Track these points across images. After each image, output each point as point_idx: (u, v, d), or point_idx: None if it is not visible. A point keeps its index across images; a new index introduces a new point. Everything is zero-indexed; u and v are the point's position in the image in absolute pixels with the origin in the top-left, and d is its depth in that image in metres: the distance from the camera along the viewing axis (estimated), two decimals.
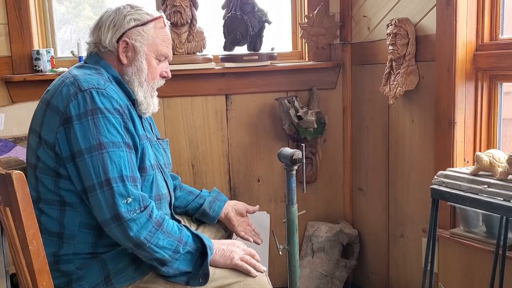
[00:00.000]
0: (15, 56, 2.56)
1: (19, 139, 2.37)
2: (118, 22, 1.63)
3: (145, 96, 1.67)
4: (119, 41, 1.62)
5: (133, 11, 1.65)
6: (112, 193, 1.43)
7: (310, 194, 2.89)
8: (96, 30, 1.66)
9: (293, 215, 1.89)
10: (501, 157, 1.68)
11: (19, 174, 1.24)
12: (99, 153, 1.45)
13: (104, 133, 1.46)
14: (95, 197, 1.45)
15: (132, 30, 1.63)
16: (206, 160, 2.76)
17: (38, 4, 2.64)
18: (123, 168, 1.46)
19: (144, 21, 1.64)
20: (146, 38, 1.64)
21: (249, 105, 2.76)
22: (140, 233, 1.45)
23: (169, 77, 1.75)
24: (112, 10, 1.66)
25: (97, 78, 1.55)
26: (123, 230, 1.44)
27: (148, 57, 1.65)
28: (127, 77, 1.65)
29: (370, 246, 2.78)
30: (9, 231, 1.33)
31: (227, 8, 2.66)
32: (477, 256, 2.01)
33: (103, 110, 1.48)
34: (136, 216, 1.45)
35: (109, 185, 1.44)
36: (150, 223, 1.47)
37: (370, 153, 2.69)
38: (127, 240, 1.46)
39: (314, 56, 2.73)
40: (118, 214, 1.43)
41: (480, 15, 1.99)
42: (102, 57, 1.66)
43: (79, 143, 1.46)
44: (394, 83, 2.28)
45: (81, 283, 1.53)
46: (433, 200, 1.80)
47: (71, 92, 1.50)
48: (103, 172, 1.44)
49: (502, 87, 2.01)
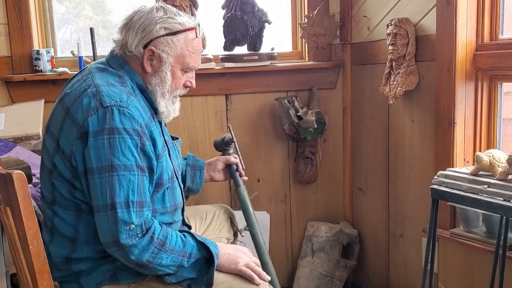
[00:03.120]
0: (15, 56, 2.56)
1: (19, 139, 2.36)
2: (148, 28, 1.54)
3: (166, 105, 1.63)
4: (146, 48, 1.55)
5: (165, 18, 1.56)
6: (115, 219, 1.41)
7: (310, 194, 2.89)
8: (125, 29, 1.58)
9: (242, 195, 2.02)
10: (501, 157, 1.68)
11: (19, 174, 1.24)
12: (109, 175, 1.41)
13: (118, 155, 1.42)
14: (99, 219, 1.44)
15: (160, 39, 1.54)
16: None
17: (38, 4, 2.64)
18: (130, 193, 1.43)
19: (175, 31, 1.56)
20: (174, 49, 1.56)
21: (249, 105, 2.76)
22: (142, 256, 1.44)
23: (193, 87, 1.69)
24: (144, 11, 1.57)
25: (120, 92, 1.49)
26: (124, 254, 1.44)
27: (174, 69, 1.59)
28: (150, 86, 1.59)
29: (370, 246, 2.78)
30: (10, 231, 1.33)
31: (227, 8, 2.66)
32: (477, 256, 2.01)
33: (121, 131, 1.43)
34: (137, 241, 1.43)
35: (113, 209, 1.41)
36: (152, 245, 1.45)
37: (370, 153, 2.69)
38: (129, 262, 1.46)
39: (314, 56, 2.73)
40: (118, 240, 1.41)
41: (480, 15, 1.99)
42: (127, 61, 1.59)
43: (91, 161, 1.43)
44: (394, 83, 2.28)
45: (89, 277, 1.54)
46: (433, 200, 1.80)
47: (91, 106, 1.45)
48: (110, 195, 1.41)
49: (502, 87, 2.01)
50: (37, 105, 2.49)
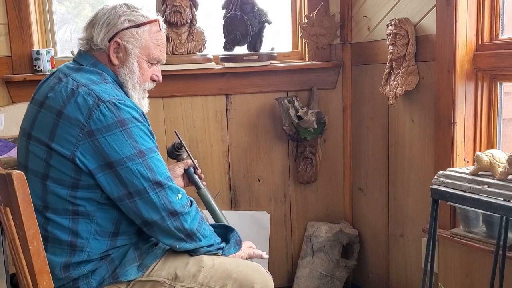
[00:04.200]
0: (15, 56, 2.56)
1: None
2: (112, 22, 1.60)
3: (139, 98, 1.67)
4: (111, 41, 1.60)
5: (129, 12, 1.62)
6: (165, 193, 1.52)
7: (310, 194, 2.89)
8: (90, 27, 1.63)
9: (205, 196, 1.97)
10: (501, 157, 1.68)
11: (19, 174, 1.24)
12: (142, 160, 1.50)
13: (141, 141, 1.51)
14: (147, 199, 1.51)
15: (125, 31, 1.60)
16: (206, 160, 2.76)
17: (38, 4, 2.64)
18: (164, 170, 1.55)
19: (139, 23, 1.62)
20: (139, 41, 1.62)
21: (249, 105, 2.76)
22: (193, 224, 1.57)
23: (160, 81, 1.74)
24: (108, 8, 1.63)
25: (110, 88, 1.54)
26: (179, 223, 1.54)
27: (140, 60, 1.63)
28: (120, 78, 1.63)
29: (370, 246, 2.78)
30: (9, 231, 1.33)
31: (227, 8, 2.66)
32: (477, 256, 2.01)
33: (132, 120, 1.50)
34: (189, 209, 1.56)
35: (160, 186, 1.51)
36: (198, 214, 1.60)
37: (370, 153, 2.69)
38: (181, 231, 1.55)
39: (314, 56, 2.73)
40: (174, 211, 1.52)
41: (480, 15, 1.99)
42: (95, 56, 1.63)
43: (117, 153, 1.47)
44: (394, 83, 2.28)
45: (89, 280, 1.54)
46: (433, 200, 1.80)
47: (90, 103, 1.47)
48: (152, 175, 1.50)
49: (502, 87, 2.01)
50: None
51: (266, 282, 1.62)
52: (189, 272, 1.58)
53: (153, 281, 1.57)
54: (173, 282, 1.57)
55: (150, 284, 1.57)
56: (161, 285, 1.57)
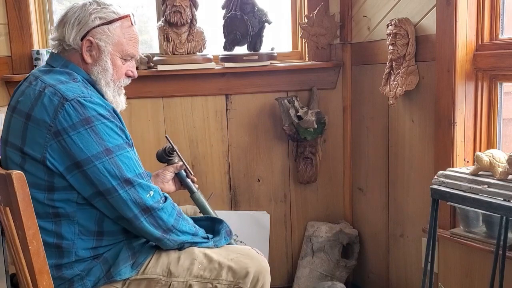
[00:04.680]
0: (15, 56, 2.56)
1: None
2: (83, 20, 1.59)
3: (113, 95, 1.66)
4: (83, 39, 1.59)
5: (99, 9, 1.61)
6: (135, 191, 1.49)
7: (310, 194, 2.89)
8: (61, 26, 1.62)
9: (199, 200, 1.94)
10: (501, 157, 1.68)
11: (19, 174, 1.24)
12: (109, 157, 1.48)
13: (107, 138, 1.48)
14: (117, 198, 1.48)
15: (97, 28, 1.59)
16: (206, 160, 2.76)
17: (38, 4, 2.64)
18: (134, 166, 1.52)
19: (110, 19, 1.61)
20: (111, 38, 1.61)
21: (249, 105, 2.76)
22: (169, 220, 1.55)
23: (135, 76, 1.73)
24: (78, 6, 1.62)
25: (77, 86, 1.53)
26: (153, 220, 1.52)
27: (113, 57, 1.63)
28: (93, 76, 1.62)
29: (370, 246, 2.78)
30: (9, 231, 1.33)
31: (227, 8, 2.66)
32: (477, 256, 2.01)
33: (98, 117, 1.48)
34: (163, 205, 1.54)
35: (130, 184, 1.49)
36: (174, 210, 1.58)
37: (370, 153, 2.69)
38: (158, 228, 1.53)
39: (314, 56, 2.73)
40: (147, 207, 1.50)
41: (480, 15, 1.99)
42: (67, 57, 1.62)
43: (83, 152, 1.46)
44: (394, 83, 2.28)
45: (84, 281, 1.54)
46: (433, 200, 1.79)
47: (55, 103, 1.46)
48: (120, 174, 1.48)
49: (502, 87, 2.01)
50: None
51: (259, 264, 1.63)
52: (182, 266, 1.59)
53: (148, 279, 1.58)
54: (169, 278, 1.58)
55: (145, 282, 1.58)
56: (157, 282, 1.58)
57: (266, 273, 1.65)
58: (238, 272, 1.59)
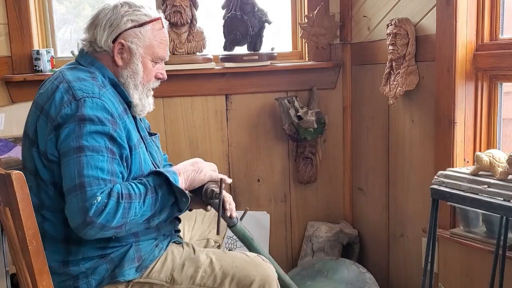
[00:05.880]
0: (15, 56, 2.56)
1: (19, 139, 2.37)
2: (115, 22, 1.58)
3: (140, 98, 1.65)
4: (115, 42, 1.59)
5: (131, 11, 1.60)
6: (84, 197, 1.39)
7: (310, 194, 2.89)
8: (92, 28, 1.61)
9: (242, 231, 1.78)
10: (501, 157, 1.68)
11: (18, 174, 1.24)
12: (77, 156, 1.42)
13: (86, 137, 1.43)
14: (69, 201, 1.42)
15: (128, 31, 1.59)
16: (206, 160, 2.73)
17: (38, 4, 2.64)
18: (99, 172, 1.42)
19: (142, 22, 1.60)
20: (143, 40, 1.60)
21: (249, 105, 2.76)
22: (113, 219, 1.41)
23: (165, 78, 1.72)
24: (109, 8, 1.61)
25: (92, 85, 1.52)
26: (98, 228, 1.40)
27: (144, 60, 1.62)
28: (122, 79, 1.62)
29: (370, 246, 2.78)
30: (9, 231, 1.33)
31: (227, 8, 2.66)
32: (477, 256, 2.01)
33: (92, 117, 1.45)
34: (107, 209, 1.39)
35: (82, 188, 1.40)
36: (121, 204, 1.42)
37: (370, 153, 2.69)
38: (106, 232, 1.42)
39: (314, 56, 2.73)
40: (89, 217, 1.38)
41: (480, 15, 1.99)
42: (97, 57, 1.62)
43: (62, 146, 1.44)
44: (394, 83, 2.28)
45: (88, 279, 1.54)
46: (433, 200, 1.79)
47: (64, 100, 1.47)
48: (78, 176, 1.40)
49: (502, 87, 2.01)
50: None
51: (265, 274, 1.59)
52: (186, 274, 1.58)
53: (151, 283, 1.57)
54: (171, 285, 1.57)
55: (148, 286, 1.57)
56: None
57: (273, 281, 1.60)
58: (242, 280, 1.56)
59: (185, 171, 1.62)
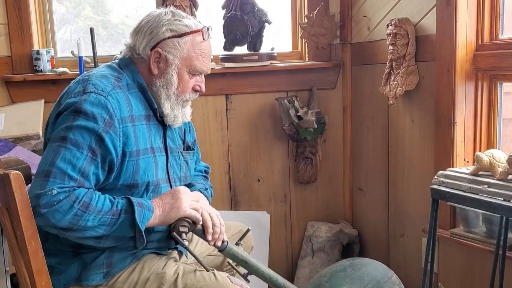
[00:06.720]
0: (15, 56, 2.56)
1: (19, 139, 2.36)
2: (155, 31, 1.56)
3: (172, 108, 1.61)
4: (153, 50, 1.56)
5: (172, 21, 1.57)
6: (43, 185, 1.36)
7: (310, 194, 2.89)
8: (134, 34, 1.60)
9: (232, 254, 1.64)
10: (501, 157, 1.68)
11: (16, 174, 1.24)
12: (58, 145, 1.41)
13: (74, 131, 1.41)
14: (32, 183, 1.40)
15: (167, 41, 1.56)
16: (206, 160, 2.75)
17: (38, 4, 2.64)
18: (69, 168, 1.39)
19: (181, 33, 1.57)
20: (181, 51, 1.57)
21: (249, 105, 2.76)
22: (63, 219, 1.37)
23: (203, 91, 1.68)
24: (153, 15, 1.60)
25: (108, 83, 1.50)
26: (45, 218, 1.36)
27: (180, 71, 1.59)
28: (154, 88, 1.59)
29: (370, 246, 2.78)
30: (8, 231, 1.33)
31: (227, 8, 2.66)
32: (477, 256, 2.01)
33: (88, 113, 1.43)
34: (58, 206, 1.36)
35: (47, 176, 1.38)
36: (74, 208, 1.37)
37: (370, 153, 2.69)
38: (52, 227, 1.39)
39: (314, 56, 2.73)
40: (39, 204, 1.35)
41: (480, 15, 1.99)
42: (134, 63, 1.61)
43: (54, 132, 1.45)
44: (394, 83, 2.28)
45: (59, 277, 1.51)
46: (433, 200, 1.79)
47: (76, 90, 1.49)
48: (50, 163, 1.39)
49: (502, 87, 2.01)
50: (37, 105, 2.50)
51: None
52: None
53: None
54: None
55: None
56: None
57: None
58: None
59: (163, 205, 1.51)
